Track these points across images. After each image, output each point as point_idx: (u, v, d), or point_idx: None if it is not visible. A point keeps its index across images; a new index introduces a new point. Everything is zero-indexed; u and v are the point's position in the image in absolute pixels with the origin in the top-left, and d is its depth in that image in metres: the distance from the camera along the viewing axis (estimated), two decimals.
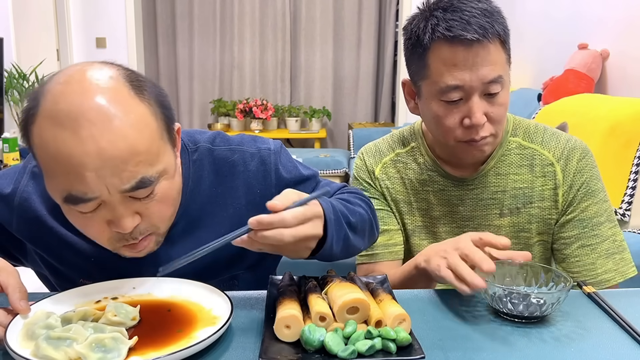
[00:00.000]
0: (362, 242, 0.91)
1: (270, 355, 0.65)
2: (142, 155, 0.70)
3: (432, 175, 1.12)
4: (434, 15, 0.95)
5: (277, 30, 5.37)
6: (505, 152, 1.08)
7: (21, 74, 3.53)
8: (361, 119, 5.50)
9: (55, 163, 0.68)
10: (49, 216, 0.85)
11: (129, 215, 0.73)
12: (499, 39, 0.94)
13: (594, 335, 0.75)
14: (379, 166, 1.16)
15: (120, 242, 0.77)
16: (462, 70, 0.93)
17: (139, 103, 0.71)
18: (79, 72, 0.70)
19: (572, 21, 2.99)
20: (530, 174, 1.07)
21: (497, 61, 0.94)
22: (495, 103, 0.97)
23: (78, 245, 0.86)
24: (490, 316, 0.80)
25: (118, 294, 0.82)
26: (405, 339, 0.67)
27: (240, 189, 0.91)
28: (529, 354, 0.70)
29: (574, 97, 2.35)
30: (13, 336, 0.67)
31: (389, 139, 1.20)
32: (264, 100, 5.24)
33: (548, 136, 1.08)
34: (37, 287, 0.93)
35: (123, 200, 0.72)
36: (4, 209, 0.86)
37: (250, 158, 0.92)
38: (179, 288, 0.82)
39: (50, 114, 0.67)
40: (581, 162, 1.06)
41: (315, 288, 0.79)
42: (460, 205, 1.11)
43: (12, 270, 0.72)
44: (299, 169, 0.98)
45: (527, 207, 1.08)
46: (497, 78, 0.94)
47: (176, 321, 0.75)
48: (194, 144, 0.91)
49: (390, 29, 5.35)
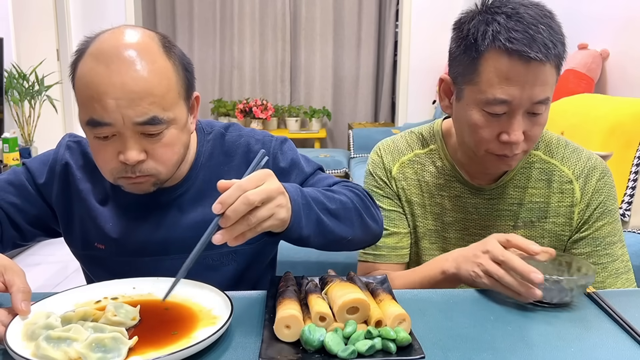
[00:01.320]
0: (348, 230, 0.88)
1: (270, 355, 0.65)
2: (157, 98, 0.82)
3: (449, 180, 1.10)
4: (496, 20, 0.89)
5: (277, 30, 5.37)
6: (525, 165, 1.07)
7: (21, 74, 3.53)
8: (361, 119, 5.50)
9: (86, 90, 0.81)
10: (81, 181, 0.98)
11: (137, 149, 0.83)
12: (556, 61, 0.91)
13: (594, 335, 0.75)
14: (397, 165, 1.13)
15: (120, 174, 0.85)
16: (515, 86, 0.90)
17: (165, 59, 0.85)
18: (124, 27, 0.87)
19: (572, 21, 2.99)
20: (548, 189, 1.06)
21: (549, 82, 0.91)
22: (536, 122, 0.94)
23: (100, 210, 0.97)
24: (490, 316, 0.80)
25: (118, 294, 0.82)
26: (405, 339, 0.67)
27: (243, 168, 0.98)
28: (528, 353, 0.70)
29: (574, 97, 2.35)
30: (13, 336, 0.67)
31: (408, 137, 1.16)
32: (264, 100, 5.24)
33: (569, 152, 1.07)
34: (37, 286, 0.93)
35: (134, 135, 0.83)
36: (49, 174, 0.99)
37: (255, 142, 1.01)
38: (179, 288, 0.82)
39: (93, 52, 0.82)
40: (600, 182, 1.05)
41: (315, 288, 0.79)
42: (475, 214, 1.09)
43: (19, 270, 0.74)
44: (300, 162, 1.02)
45: (541, 221, 1.07)
46: (545, 100, 0.92)
47: (176, 321, 0.75)
48: (210, 128, 1.03)
49: (390, 29, 5.35)
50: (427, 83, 4.88)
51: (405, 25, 4.85)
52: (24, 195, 0.98)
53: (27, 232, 1.00)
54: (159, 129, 0.83)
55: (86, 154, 1.00)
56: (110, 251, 0.96)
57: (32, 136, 3.60)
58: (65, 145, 1.02)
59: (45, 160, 1.01)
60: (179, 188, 0.98)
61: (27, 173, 1.00)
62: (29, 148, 3.46)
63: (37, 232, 1.01)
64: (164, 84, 0.83)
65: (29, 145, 3.54)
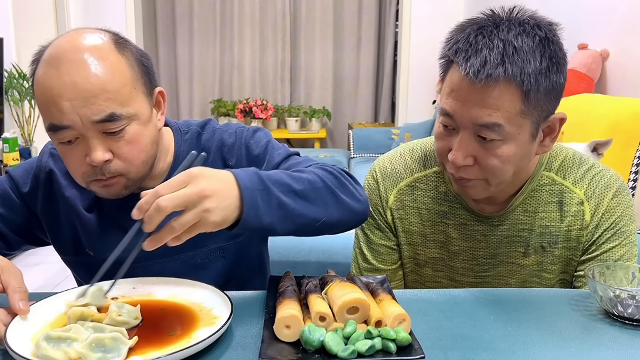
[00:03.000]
0: (321, 210, 0.83)
1: (270, 355, 0.65)
2: (111, 94, 0.81)
3: (453, 207, 1.02)
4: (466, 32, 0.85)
5: (277, 30, 5.37)
6: (536, 188, 0.99)
7: (21, 74, 3.53)
8: (361, 119, 5.50)
9: (42, 96, 0.82)
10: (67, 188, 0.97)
11: (101, 149, 0.83)
12: (517, 85, 0.81)
13: (594, 335, 0.75)
14: (394, 193, 1.06)
15: (90, 177, 0.85)
16: (458, 101, 0.85)
17: (117, 55, 0.84)
18: (75, 30, 0.87)
19: (572, 21, 2.99)
20: (559, 212, 0.99)
21: (500, 107, 0.82)
22: (489, 151, 0.86)
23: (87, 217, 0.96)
24: (490, 316, 0.80)
25: (118, 294, 0.82)
26: (405, 339, 0.67)
27: (218, 163, 0.99)
28: (528, 353, 0.70)
29: (574, 97, 2.35)
30: (13, 336, 0.67)
31: (408, 157, 1.07)
32: (264, 100, 5.24)
33: (582, 172, 0.99)
34: (37, 286, 0.93)
35: (97, 135, 0.82)
36: (33, 182, 0.98)
37: (228, 136, 1.01)
38: (179, 288, 0.82)
39: (46, 57, 0.82)
40: (613, 201, 0.97)
41: (315, 288, 0.79)
42: (483, 242, 1.02)
43: (15, 270, 0.75)
44: (273, 148, 0.99)
45: (552, 246, 1.00)
46: (492, 125, 0.83)
47: (176, 321, 0.75)
48: (187, 127, 1.03)
49: (390, 29, 5.35)
50: (427, 83, 4.89)
51: (405, 25, 4.85)
52: (9, 205, 0.97)
53: (13, 241, 0.99)
54: (119, 125, 0.82)
55: None
56: (100, 257, 0.93)
57: (32, 136, 3.61)
58: (48, 152, 1.00)
59: (29, 169, 0.99)
60: None
61: (10, 182, 0.99)
62: (29, 148, 3.46)
63: (22, 240, 1.01)
64: (117, 79, 0.82)
65: (29, 145, 3.54)
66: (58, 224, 0.98)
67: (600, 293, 0.79)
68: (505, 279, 1.04)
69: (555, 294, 0.90)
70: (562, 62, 0.85)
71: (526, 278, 1.03)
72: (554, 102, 0.88)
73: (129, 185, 0.88)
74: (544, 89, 0.84)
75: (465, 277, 1.06)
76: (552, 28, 0.87)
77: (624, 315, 0.78)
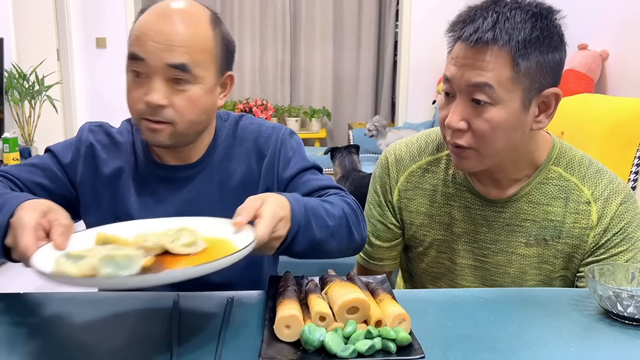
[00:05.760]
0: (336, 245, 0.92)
1: (270, 355, 0.65)
2: (190, 50, 0.91)
3: (459, 189, 1.06)
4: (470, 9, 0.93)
5: (277, 30, 5.37)
6: (543, 181, 1.01)
7: (21, 74, 3.53)
8: (361, 119, 5.50)
9: (135, 32, 0.92)
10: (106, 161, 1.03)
11: (161, 93, 0.91)
12: (506, 50, 0.87)
13: (594, 335, 0.75)
14: (405, 174, 1.11)
15: (144, 115, 0.92)
16: (455, 66, 0.92)
17: (208, 26, 0.95)
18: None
19: (572, 22, 2.99)
20: (564, 208, 1.01)
21: (492, 69, 0.88)
22: (480, 115, 0.91)
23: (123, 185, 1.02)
24: (490, 316, 0.80)
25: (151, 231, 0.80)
26: (405, 339, 0.67)
27: (252, 150, 1.06)
28: (528, 353, 0.70)
29: (574, 97, 2.35)
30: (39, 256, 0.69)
31: (424, 141, 1.13)
32: (264, 100, 5.24)
33: (591, 173, 1.01)
34: (38, 286, 0.93)
35: (162, 80, 0.91)
36: (74, 154, 1.04)
37: (265, 129, 1.08)
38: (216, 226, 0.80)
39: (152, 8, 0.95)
40: (622, 207, 0.99)
41: (315, 288, 0.79)
42: (485, 227, 1.05)
43: (63, 211, 0.80)
44: (303, 154, 1.08)
45: (554, 240, 1.01)
46: (483, 85, 0.89)
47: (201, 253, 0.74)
48: (227, 116, 1.12)
49: (390, 29, 5.35)
50: (427, 83, 4.89)
51: (405, 25, 4.85)
52: (49, 177, 1.01)
53: None
54: (186, 77, 0.91)
55: (109, 134, 1.05)
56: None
57: (32, 136, 3.60)
58: (87, 129, 1.06)
59: (69, 144, 1.05)
60: (197, 166, 1.03)
61: (51, 156, 1.04)
62: (29, 148, 3.46)
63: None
64: (200, 43, 0.93)
65: (29, 145, 3.54)
66: (95, 197, 1.02)
67: (600, 292, 0.79)
68: (505, 267, 1.05)
69: (555, 293, 0.90)
70: (556, 38, 0.91)
71: (526, 269, 1.04)
72: (548, 76, 0.92)
73: (173, 137, 0.94)
74: (535, 60, 0.89)
75: (466, 260, 1.08)
76: (551, 9, 0.92)
77: (623, 315, 0.78)
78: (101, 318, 0.81)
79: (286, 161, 1.05)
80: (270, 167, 1.04)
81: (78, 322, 0.80)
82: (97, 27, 4.67)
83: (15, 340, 0.74)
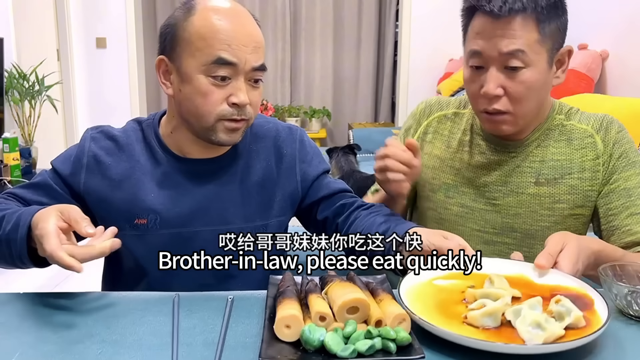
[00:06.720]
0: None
1: (270, 355, 0.65)
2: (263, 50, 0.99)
3: (475, 138, 1.16)
4: None
5: (277, 30, 5.37)
6: (550, 127, 1.12)
7: (21, 74, 3.52)
8: (361, 119, 5.50)
9: (215, 34, 0.94)
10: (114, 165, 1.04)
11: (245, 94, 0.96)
12: (531, 17, 0.97)
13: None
14: (430, 118, 1.22)
15: (226, 116, 0.97)
16: (483, 40, 0.99)
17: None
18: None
19: (572, 22, 2.99)
20: (568, 147, 1.10)
21: (520, 35, 0.97)
22: (515, 79, 0.99)
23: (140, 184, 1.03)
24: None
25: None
26: (405, 339, 0.67)
27: (271, 148, 1.11)
28: (527, 353, 0.70)
29: (574, 97, 2.35)
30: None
31: (454, 99, 1.24)
32: (264, 100, 5.24)
33: (586, 115, 1.13)
34: (38, 286, 0.94)
35: (245, 81, 0.97)
36: (74, 165, 1.03)
37: (282, 129, 1.14)
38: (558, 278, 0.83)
39: (212, 8, 0.97)
40: (619, 134, 1.09)
41: (315, 288, 0.79)
42: (496, 170, 1.12)
43: (74, 207, 0.86)
44: (322, 155, 1.16)
45: (565, 178, 1.09)
46: (516, 51, 0.97)
47: None
48: None
49: (390, 29, 5.35)
50: (427, 83, 4.88)
51: (405, 25, 4.85)
52: (51, 195, 1.02)
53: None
54: (261, 75, 0.99)
55: (112, 137, 1.05)
56: (153, 224, 1.01)
57: (32, 136, 3.60)
58: (89, 138, 1.06)
59: (69, 155, 1.06)
60: (221, 160, 1.06)
61: (52, 172, 1.05)
62: (29, 148, 3.46)
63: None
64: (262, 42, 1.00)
65: (29, 145, 3.54)
66: (103, 200, 1.03)
67: (615, 292, 0.79)
68: (516, 208, 1.12)
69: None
70: (564, 3, 1.03)
71: (536, 209, 1.10)
72: (562, 36, 1.03)
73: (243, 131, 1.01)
74: (554, 23, 1.00)
75: (477, 204, 1.14)
76: None
77: (639, 315, 0.78)
78: (101, 318, 0.81)
79: (309, 160, 1.12)
80: (289, 167, 1.10)
81: (78, 322, 0.80)
82: (97, 27, 4.67)
83: (15, 340, 0.74)
